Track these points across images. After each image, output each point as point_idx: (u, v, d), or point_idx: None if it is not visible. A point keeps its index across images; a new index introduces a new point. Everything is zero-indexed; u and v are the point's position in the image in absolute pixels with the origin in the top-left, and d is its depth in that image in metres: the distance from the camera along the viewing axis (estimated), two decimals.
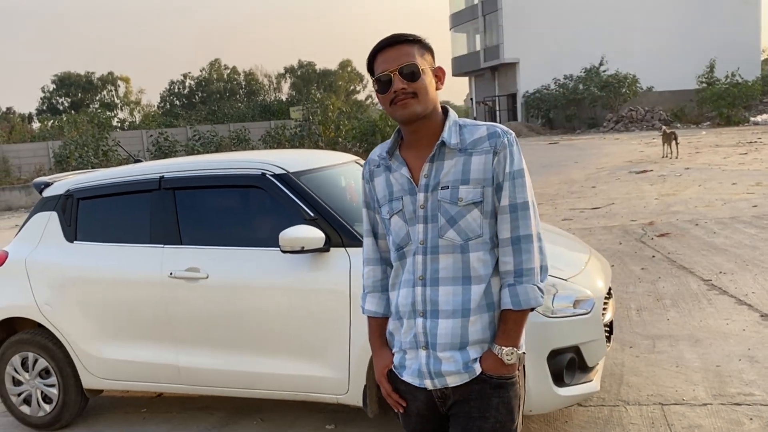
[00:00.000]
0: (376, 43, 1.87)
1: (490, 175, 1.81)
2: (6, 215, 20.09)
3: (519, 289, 1.81)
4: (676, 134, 18.54)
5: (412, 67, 1.81)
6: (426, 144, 1.86)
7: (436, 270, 1.83)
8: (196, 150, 27.13)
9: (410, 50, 1.83)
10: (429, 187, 1.83)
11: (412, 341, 1.87)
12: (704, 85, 38.12)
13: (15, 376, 4.12)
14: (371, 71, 1.90)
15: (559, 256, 3.84)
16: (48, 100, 62.06)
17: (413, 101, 1.81)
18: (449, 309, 1.81)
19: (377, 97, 1.90)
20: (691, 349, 4.49)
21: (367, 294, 2.05)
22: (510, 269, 1.83)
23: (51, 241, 4.05)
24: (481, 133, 1.85)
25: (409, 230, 1.87)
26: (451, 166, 1.82)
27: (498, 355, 1.81)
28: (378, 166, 1.97)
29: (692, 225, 8.75)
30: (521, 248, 1.82)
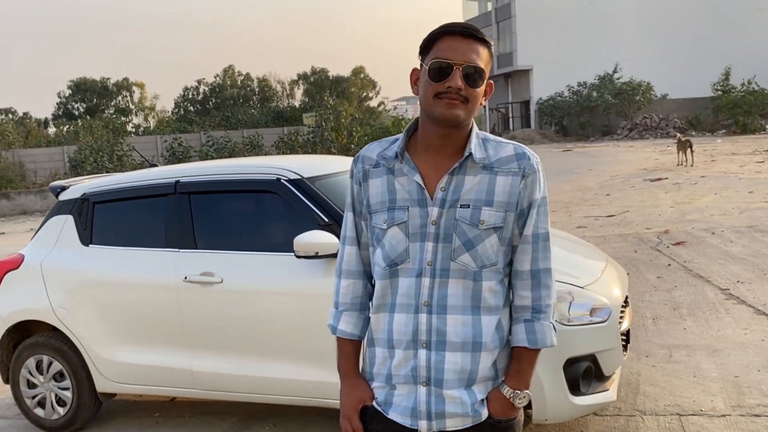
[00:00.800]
0: (444, 24, 1.65)
1: (515, 199, 1.64)
2: (22, 219, 20.28)
3: (536, 327, 1.67)
4: (691, 142, 18.40)
5: (480, 71, 1.60)
6: (448, 154, 1.65)
7: (444, 296, 1.62)
8: (209, 155, 27.27)
9: (480, 51, 1.61)
10: (446, 203, 1.62)
11: (408, 375, 1.65)
12: (720, 92, 37.82)
13: (30, 379, 4.14)
14: (427, 50, 1.64)
15: (576, 263, 3.81)
16: (64, 105, 62.65)
17: (462, 105, 1.59)
18: (458, 341, 1.62)
19: (421, 81, 1.65)
20: (709, 359, 4.43)
21: (343, 312, 1.78)
22: (527, 304, 1.68)
23: (66, 244, 4.07)
24: (509, 151, 1.67)
25: (409, 246, 1.64)
26: (473, 183, 1.63)
27: (509, 398, 1.66)
28: (376, 166, 1.72)
29: (708, 233, 8.66)
30: (541, 282, 1.68)
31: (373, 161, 1.73)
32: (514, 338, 1.70)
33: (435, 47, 1.62)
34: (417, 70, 1.69)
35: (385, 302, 1.69)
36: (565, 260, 3.85)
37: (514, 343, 1.70)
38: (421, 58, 1.67)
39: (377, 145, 1.76)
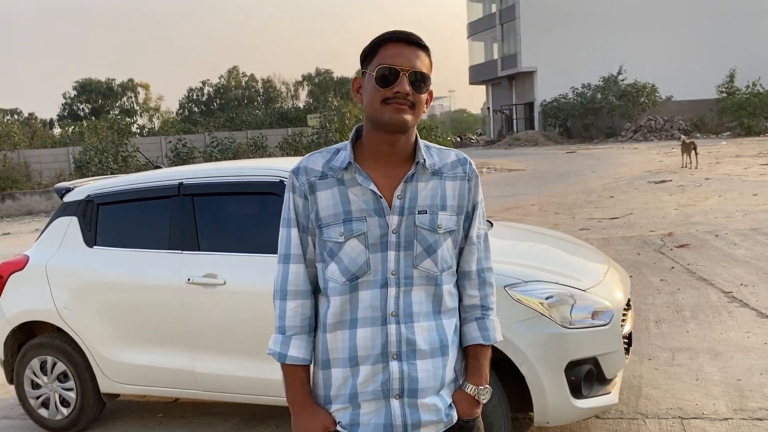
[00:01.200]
0: (387, 31, 1.64)
1: (464, 203, 1.70)
2: (27, 219, 20.35)
3: (488, 323, 1.74)
4: (696, 144, 18.38)
5: (425, 77, 1.62)
6: (398, 161, 1.65)
7: (409, 304, 1.62)
8: (213, 156, 27.32)
9: (424, 58, 1.63)
10: (405, 210, 1.62)
11: (377, 391, 1.61)
12: (724, 94, 37.77)
13: (34, 380, 4.16)
14: (370, 58, 1.63)
15: (578, 266, 3.82)
16: (69, 106, 62.89)
17: (409, 110, 1.60)
18: (427, 348, 1.63)
19: (366, 89, 1.63)
20: (712, 362, 4.43)
21: (293, 337, 1.67)
22: (477, 303, 1.74)
23: (71, 245, 4.09)
24: (452, 157, 1.72)
25: (369, 258, 1.61)
26: (426, 189, 1.65)
27: (474, 396, 1.69)
28: (322, 178, 1.65)
29: (712, 236, 8.65)
30: (486, 281, 1.76)
31: (318, 172, 1.66)
32: (468, 337, 1.73)
33: (379, 54, 1.61)
34: (358, 79, 1.69)
35: (344, 319, 1.63)
36: (567, 263, 3.87)
37: (469, 341, 1.73)
38: (363, 66, 1.66)
39: (320, 156, 1.69)
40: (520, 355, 3.05)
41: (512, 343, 3.06)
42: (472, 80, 54.28)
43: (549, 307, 3.11)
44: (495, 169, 23.56)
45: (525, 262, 3.58)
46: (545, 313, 3.10)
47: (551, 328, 3.08)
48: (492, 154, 33.93)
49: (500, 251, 3.86)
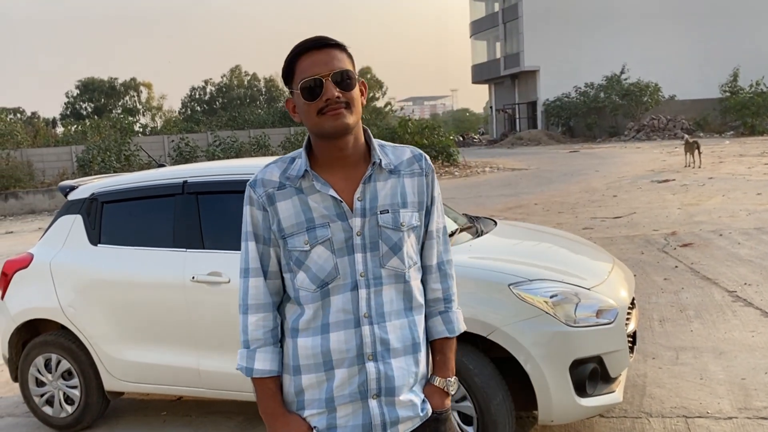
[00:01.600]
0: (296, 45, 1.61)
1: (423, 198, 1.71)
2: (30, 218, 20.39)
3: (452, 316, 1.76)
4: (699, 143, 18.35)
5: (348, 73, 1.59)
6: (353, 164, 1.65)
7: (380, 304, 1.63)
8: (216, 155, 27.34)
9: (341, 56, 1.60)
10: (366, 212, 1.63)
11: (354, 393, 1.62)
12: (728, 94, 37.70)
13: (38, 377, 4.16)
14: (290, 76, 1.62)
15: (582, 265, 3.81)
16: (72, 105, 62.91)
17: (346, 111, 1.58)
18: (400, 346, 1.64)
19: (298, 106, 1.62)
20: (716, 361, 4.42)
21: (257, 350, 1.67)
22: (440, 296, 1.76)
23: (75, 244, 4.10)
24: (407, 154, 1.72)
25: (337, 262, 1.61)
26: (385, 189, 1.65)
27: (444, 389, 1.72)
28: (281, 188, 1.64)
29: (716, 235, 8.63)
30: (447, 273, 1.78)
31: (275, 183, 1.65)
32: (433, 331, 1.76)
33: (297, 70, 1.60)
34: (291, 100, 1.67)
35: (315, 325, 1.63)
36: (571, 261, 3.86)
37: (435, 335, 1.76)
38: (288, 86, 1.65)
39: (275, 166, 1.68)
40: (525, 353, 3.05)
41: (517, 341, 3.06)
42: (475, 79, 54.22)
43: (554, 306, 3.11)
44: (498, 168, 23.55)
45: (529, 260, 3.57)
46: (550, 311, 3.09)
47: (556, 326, 3.08)
48: (495, 153, 33.91)
49: (504, 250, 3.87)
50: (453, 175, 22.72)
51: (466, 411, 3.16)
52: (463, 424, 3.19)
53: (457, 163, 25.55)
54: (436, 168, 24.27)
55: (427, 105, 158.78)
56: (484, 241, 3.85)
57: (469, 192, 16.74)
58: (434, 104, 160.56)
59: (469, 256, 3.48)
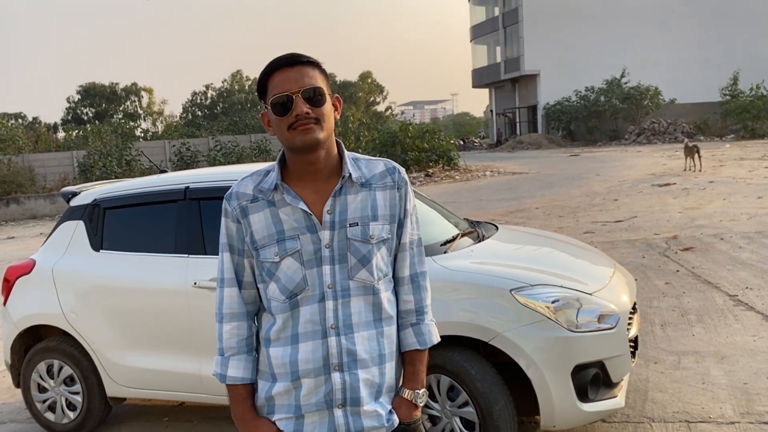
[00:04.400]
0: (269, 62, 1.66)
1: (396, 211, 1.73)
2: (31, 223, 20.41)
3: (423, 328, 1.78)
4: (699, 147, 18.35)
5: (318, 90, 1.63)
6: (324, 177, 1.69)
7: (348, 315, 1.66)
8: (217, 160, 27.37)
9: (312, 72, 1.65)
10: (336, 224, 1.66)
11: (320, 402, 1.65)
12: (728, 97, 37.70)
13: (40, 383, 4.17)
14: (263, 92, 1.67)
15: (583, 270, 3.81)
16: (73, 110, 63.02)
17: (316, 127, 1.62)
18: (367, 357, 1.67)
19: (271, 121, 1.67)
20: (718, 365, 4.42)
21: (230, 358, 1.72)
22: (411, 308, 1.78)
23: (77, 249, 4.10)
24: (380, 168, 1.74)
25: (305, 274, 1.65)
26: (356, 202, 1.68)
27: (412, 400, 1.74)
28: (254, 201, 1.68)
29: (717, 239, 8.63)
30: (420, 285, 1.79)
31: (249, 196, 1.70)
32: (405, 342, 1.77)
33: (269, 86, 1.64)
34: (265, 114, 1.71)
35: (286, 335, 1.67)
36: (572, 266, 3.86)
37: (406, 347, 1.77)
38: (262, 101, 1.69)
39: (250, 180, 1.72)
40: (527, 358, 3.05)
41: (518, 346, 3.06)
42: (475, 83, 54.28)
43: (555, 311, 3.11)
44: (499, 172, 23.56)
45: (531, 265, 3.57)
46: (551, 316, 3.10)
47: (557, 331, 3.08)
48: (495, 157, 33.93)
49: (506, 255, 3.87)
50: (454, 179, 22.74)
51: (468, 416, 3.16)
52: (466, 430, 3.19)
53: (457, 167, 25.57)
54: (437, 172, 24.29)
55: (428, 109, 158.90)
56: (485, 246, 3.85)
57: (470, 196, 16.75)
58: (435, 108, 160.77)
59: (470, 261, 3.48)
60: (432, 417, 3.30)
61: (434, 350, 3.10)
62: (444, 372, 3.19)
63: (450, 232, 3.93)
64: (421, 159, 25.28)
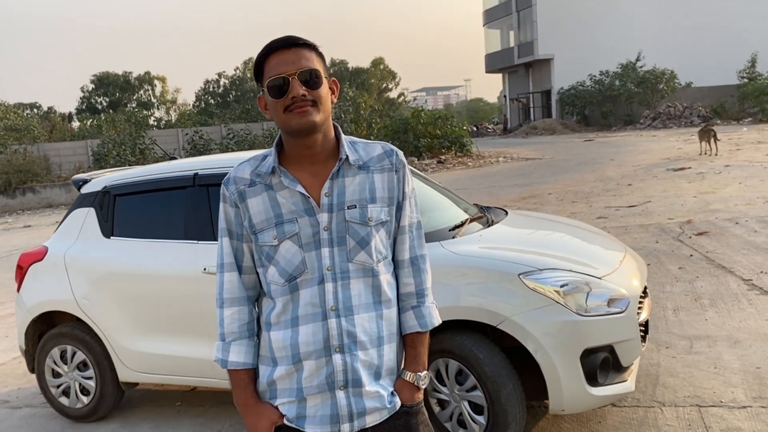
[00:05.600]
0: (266, 45, 1.65)
1: (394, 193, 1.73)
2: (47, 212, 20.63)
3: (424, 311, 1.77)
4: (715, 131, 18.10)
5: (315, 72, 1.62)
6: (322, 160, 1.68)
7: (348, 297, 1.65)
8: (230, 148, 27.44)
9: (309, 55, 1.63)
10: (334, 207, 1.66)
11: (322, 384, 1.65)
12: (745, 80, 37.14)
13: (54, 369, 4.22)
14: (260, 75, 1.66)
15: (594, 254, 3.79)
16: (87, 99, 63.38)
17: (313, 110, 1.61)
18: (366, 339, 1.67)
19: (268, 104, 1.66)
20: (730, 350, 4.38)
21: (232, 343, 1.72)
22: (412, 291, 1.77)
23: (89, 236, 4.14)
24: (378, 150, 1.74)
25: (305, 257, 1.65)
26: (354, 184, 1.68)
27: (414, 383, 1.74)
28: (251, 185, 1.68)
29: (732, 223, 8.53)
30: (420, 268, 1.79)
31: (247, 181, 1.69)
32: (405, 325, 1.77)
33: (266, 68, 1.64)
34: (262, 98, 1.70)
35: (286, 318, 1.67)
36: (582, 251, 3.84)
37: (407, 330, 1.77)
38: (259, 84, 1.68)
39: (248, 164, 1.72)
40: (535, 342, 3.04)
41: (527, 331, 3.05)
42: (489, 69, 53.89)
43: (564, 295, 3.10)
44: (512, 158, 23.44)
45: (540, 250, 3.55)
46: (560, 300, 3.08)
47: (566, 315, 3.06)
48: (508, 143, 33.74)
49: (514, 240, 3.85)
50: (466, 165, 22.64)
51: (477, 401, 3.17)
52: (474, 414, 3.19)
53: (470, 153, 25.46)
54: (450, 158, 24.20)
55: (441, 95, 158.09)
56: (494, 231, 3.83)
57: (483, 182, 16.68)
58: (447, 94, 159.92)
59: (479, 246, 3.47)
60: (440, 401, 3.31)
61: (442, 334, 3.14)
62: (452, 356, 3.19)
63: (459, 217, 3.92)
64: (434, 145, 25.19)
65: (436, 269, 1.90)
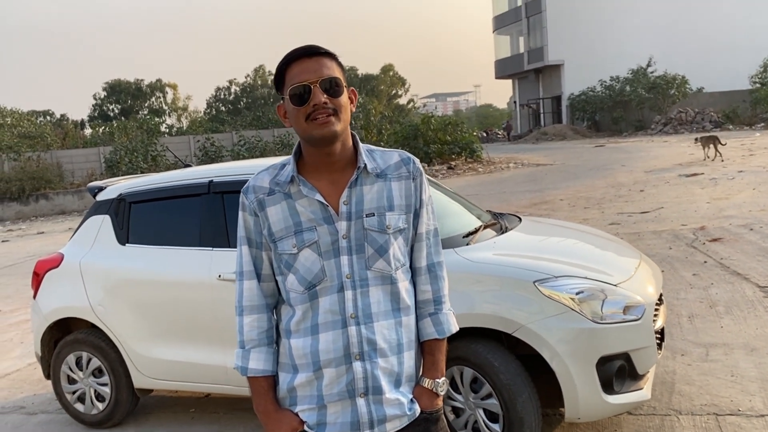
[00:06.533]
0: (287, 53, 1.67)
1: (411, 201, 1.74)
2: (60, 219, 20.78)
3: (441, 318, 1.78)
4: (717, 137, 18.21)
5: (336, 80, 1.64)
6: (340, 169, 1.70)
7: (368, 305, 1.67)
8: (241, 155, 27.55)
9: (330, 64, 1.66)
10: (352, 215, 1.67)
11: (342, 392, 1.67)
12: (758, 85, 36.90)
13: (70, 375, 4.25)
14: (281, 83, 1.67)
15: (609, 261, 3.77)
16: (99, 107, 63.86)
17: (334, 119, 1.63)
18: (386, 346, 1.68)
19: (288, 112, 1.68)
20: (747, 357, 4.34)
21: (251, 350, 1.73)
22: (429, 298, 1.79)
23: (104, 243, 4.17)
24: (395, 158, 1.76)
25: (324, 265, 1.66)
26: (372, 192, 1.70)
27: (432, 389, 1.75)
28: (270, 194, 1.70)
29: (746, 230, 8.47)
30: (437, 275, 1.80)
31: (266, 189, 1.71)
32: (423, 332, 1.78)
33: (287, 76, 1.65)
34: (282, 106, 1.72)
35: (305, 326, 1.68)
36: (597, 258, 3.82)
37: (425, 337, 1.78)
38: (279, 93, 1.70)
39: (266, 173, 1.74)
40: (551, 350, 3.03)
41: (542, 338, 3.04)
42: (498, 75, 53.82)
43: (579, 302, 3.08)
44: (522, 164, 23.38)
45: (554, 257, 3.54)
46: (576, 308, 3.07)
47: (582, 323, 3.05)
48: (519, 149, 33.67)
49: (529, 246, 3.84)
50: (477, 171, 22.61)
51: (492, 408, 3.15)
52: (489, 422, 3.18)
53: (480, 159, 25.42)
54: (460, 164, 24.18)
55: (450, 101, 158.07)
56: (508, 238, 3.83)
57: (494, 188, 16.65)
58: (457, 100, 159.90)
59: (493, 253, 3.46)
60: (456, 409, 3.30)
61: (458, 342, 3.14)
62: (467, 364, 3.18)
63: (472, 224, 3.91)
64: (444, 151, 25.17)
65: (450, 276, 1.91)
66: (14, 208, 22.32)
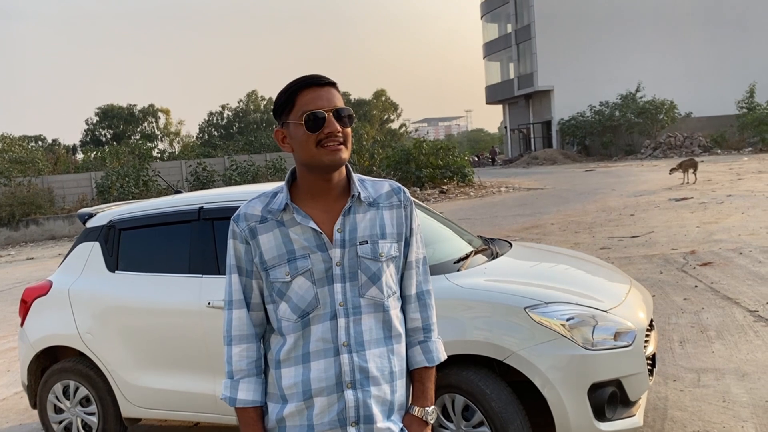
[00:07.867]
0: (298, 79, 1.69)
1: (402, 230, 1.77)
2: (50, 244, 20.63)
3: (431, 346, 1.80)
4: (696, 162, 19.24)
5: (348, 111, 1.69)
6: (334, 197, 1.72)
7: (359, 333, 1.67)
8: (233, 180, 27.56)
9: (338, 94, 1.69)
10: (346, 243, 1.68)
11: (333, 420, 1.65)
12: (745, 110, 37.40)
13: (57, 404, 4.19)
14: (289, 108, 1.67)
15: (599, 287, 3.78)
16: (91, 131, 63.90)
17: (344, 147, 1.66)
18: (378, 375, 1.68)
19: (294, 137, 1.67)
20: (739, 383, 4.34)
21: (240, 380, 1.72)
22: (419, 326, 1.80)
23: (93, 270, 4.14)
24: (386, 188, 1.78)
25: (317, 292, 1.66)
26: (365, 221, 1.71)
27: (422, 418, 1.75)
28: (263, 222, 1.70)
29: (736, 254, 8.51)
30: (426, 303, 1.82)
31: (257, 217, 1.71)
32: (413, 361, 1.79)
33: (298, 102, 1.65)
34: (281, 131, 1.72)
35: (296, 355, 1.68)
36: (587, 283, 3.83)
37: (414, 365, 1.79)
38: (281, 117, 1.70)
39: (258, 201, 1.74)
40: (542, 377, 3.02)
41: (533, 365, 3.03)
42: (489, 100, 54.37)
43: (570, 329, 3.08)
44: (513, 188, 23.49)
45: (545, 283, 3.54)
46: (566, 334, 3.06)
47: (573, 349, 3.05)
48: (510, 173, 33.86)
49: (520, 272, 3.84)
50: (468, 195, 22.69)
51: None
52: None
53: (472, 183, 25.54)
54: (452, 189, 24.26)
55: (442, 126, 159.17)
56: (499, 264, 3.83)
57: (485, 212, 16.70)
58: (449, 125, 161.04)
59: (484, 278, 3.46)
60: None
61: (448, 369, 3.12)
62: (458, 391, 3.16)
63: (463, 249, 3.92)
64: (436, 176, 25.29)
65: (441, 303, 1.91)
66: (3, 234, 22.17)
